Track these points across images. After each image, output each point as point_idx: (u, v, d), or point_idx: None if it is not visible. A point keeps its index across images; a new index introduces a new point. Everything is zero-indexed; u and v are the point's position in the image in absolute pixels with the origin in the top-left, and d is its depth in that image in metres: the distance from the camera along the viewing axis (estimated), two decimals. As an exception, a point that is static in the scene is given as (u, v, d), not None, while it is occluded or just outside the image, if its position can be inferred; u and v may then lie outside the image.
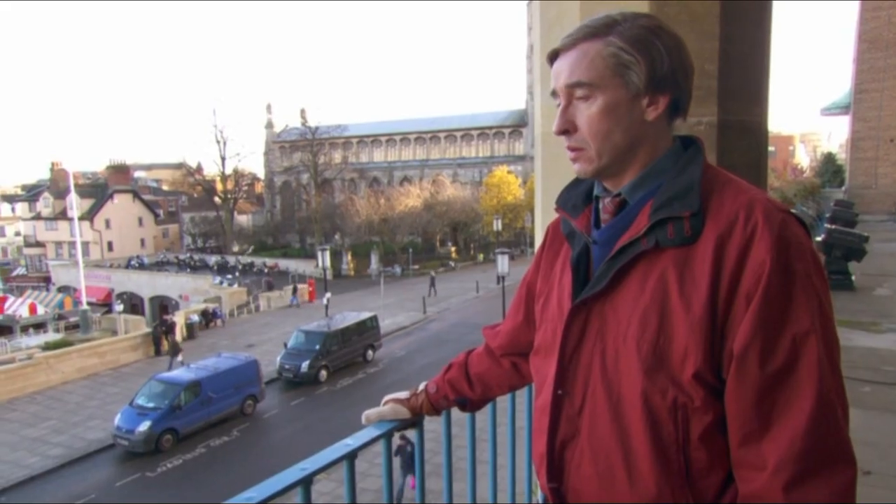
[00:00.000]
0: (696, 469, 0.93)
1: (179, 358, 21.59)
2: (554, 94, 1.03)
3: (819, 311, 0.89)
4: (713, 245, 0.91)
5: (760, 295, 0.87)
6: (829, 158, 37.87)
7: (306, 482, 1.12)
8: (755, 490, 0.88)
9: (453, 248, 51.80)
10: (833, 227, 8.58)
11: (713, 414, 0.92)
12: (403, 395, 1.42)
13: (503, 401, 1.74)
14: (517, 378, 1.37)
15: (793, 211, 0.94)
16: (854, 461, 0.87)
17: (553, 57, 1.03)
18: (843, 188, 22.50)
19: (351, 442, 1.25)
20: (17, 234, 63.75)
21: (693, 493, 0.93)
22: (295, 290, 35.37)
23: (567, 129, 1.01)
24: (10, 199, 70.28)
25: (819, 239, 7.99)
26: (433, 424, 1.61)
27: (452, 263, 47.93)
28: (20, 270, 57.55)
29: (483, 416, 1.61)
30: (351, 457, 1.24)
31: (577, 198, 1.12)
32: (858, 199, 17.78)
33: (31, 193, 63.92)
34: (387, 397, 1.43)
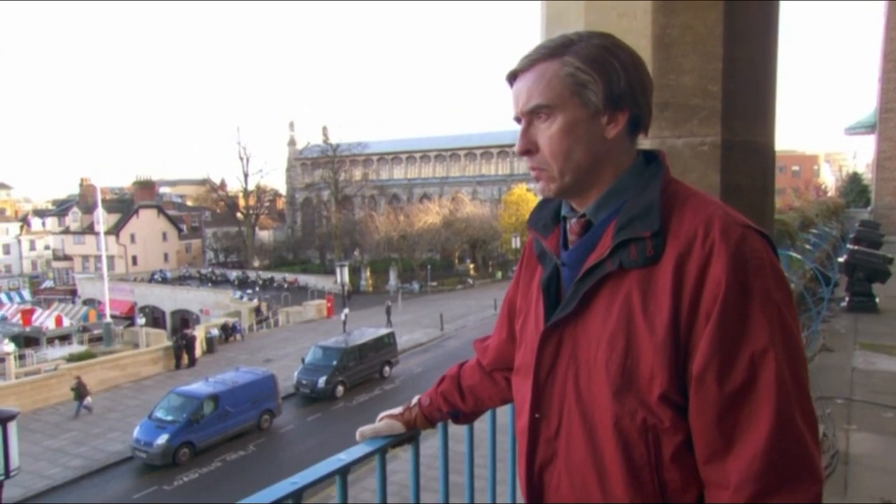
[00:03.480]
0: (671, 489, 0.93)
1: (86, 402, 19.76)
2: (516, 118, 1.04)
3: (780, 326, 0.88)
4: (674, 264, 0.91)
5: (717, 314, 0.87)
6: (854, 178, 37.22)
7: (297, 496, 1.13)
8: None
9: (472, 266, 51.74)
10: (856, 247, 8.41)
11: (683, 434, 0.92)
12: (397, 410, 1.43)
13: (503, 415, 1.74)
14: (509, 393, 1.36)
15: (752, 225, 0.94)
16: (820, 478, 0.86)
17: (512, 78, 1.04)
18: (869, 208, 22.07)
19: (344, 457, 1.26)
20: (47, 247, 65.33)
21: None
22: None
23: (529, 149, 1.02)
24: (42, 213, 72.15)
25: (841, 260, 7.83)
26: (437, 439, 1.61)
27: (471, 280, 47.84)
28: (48, 283, 58.88)
29: (482, 425, 1.61)
30: (343, 472, 1.24)
31: (546, 217, 1.13)
32: (885, 220, 17.40)
33: (61, 208, 65.62)
34: (382, 414, 1.44)
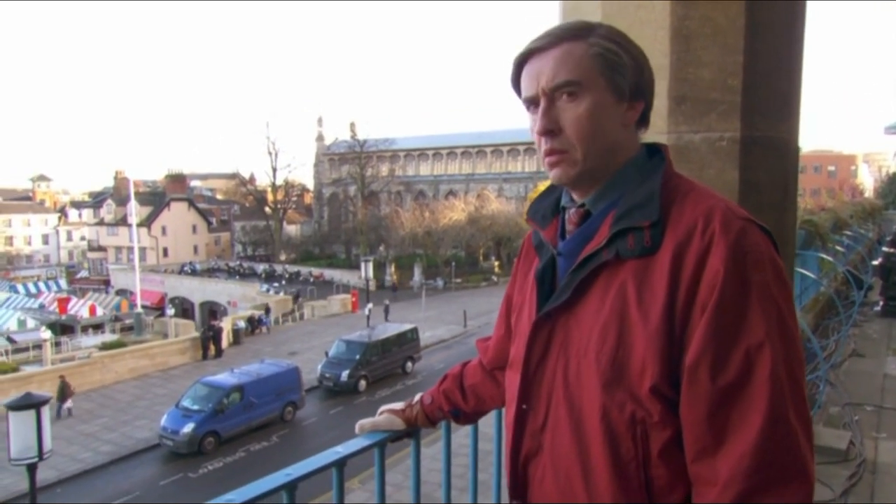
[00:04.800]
0: (658, 486, 0.90)
1: (68, 404, 19.24)
2: (530, 99, 0.99)
3: (777, 322, 0.85)
4: (671, 255, 0.89)
5: (713, 306, 0.85)
6: (894, 179, 36.00)
7: (290, 487, 1.13)
8: None
9: (496, 263, 51.61)
10: (892, 250, 8.13)
11: (672, 429, 0.90)
12: (399, 405, 1.41)
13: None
14: None
15: (754, 219, 0.91)
16: (810, 478, 0.83)
17: (527, 57, 0.98)
18: (909, 210, 21.30)
19: (341, 450, 1.26)
20: (83, 238, 67.28)
21: None
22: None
23: (552, 129, 0.96)
24: (78, 205, 74.30)
25: (875, 263, 7.59)
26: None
27: (495, 278, 47.73)
28: (83, 273, 60.61)
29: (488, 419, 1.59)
30: (340, 465, 1.24)
31: (546, 208, 1.10)
32: (925, 223, 16.79)
33: (96, 200, 67.52)
34: (382, 407, 1.43)
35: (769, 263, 0.88)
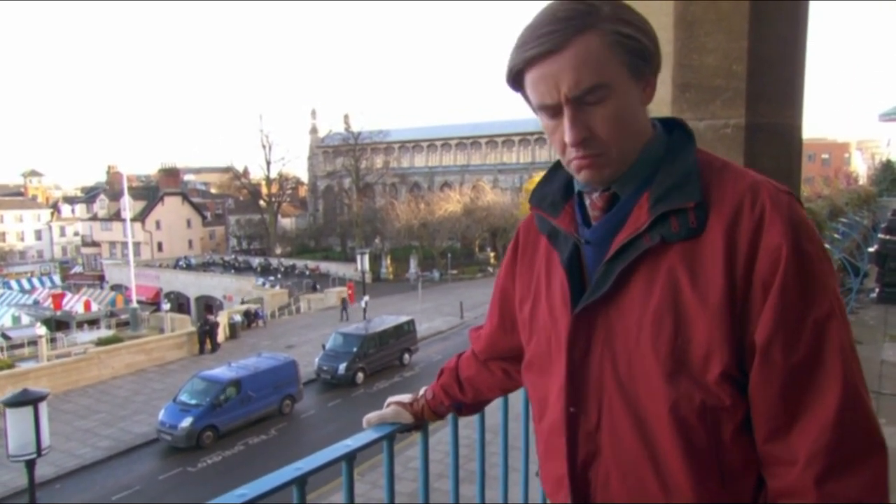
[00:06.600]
0: (731, 472, 0.88)
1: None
2: (548, 107, 0.90)
3: (833, 292, 0.85)
4: (722, 234, 0.86)
5: (780, 282, 0.83)
6: (887, 166, 36.12)
7: (301, 482, 1.12)
8: (787, 485, 0.84)
9: (492, 254, 51.64)
10: (887, 237, 8.17)
11: (742, 412, 0.87)
12: (407, 398, 1.40)
13: (515, 404, 1.71)
14: (508, 382, 1.32)
15: (792, 191, 0.90)
16: (885, 447, 0.82)
17: (534, 62, 0.88)
18: (903, 197, 21.39)
19: (350, 443, 1.24)
20: (76, 233, 66.90)
21: (730, 497, 0.88)
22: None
23: (586, 136, 0.89)
24: (71, 200, 73.82)
25: (871, 250, 7.62)
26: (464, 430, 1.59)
27: (491, 269, 47.78)
28: (77, 269, 60.34)
29: (493, 417, 1.59)
30: (350, 458, 1.23)
31: (554, 195, 1.04)
32: (919, 209, 16.85)
33: (89, 195, 67.05)
34: (390, 399, 1.42)
35: (816, 234, 0.87)
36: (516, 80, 0.92)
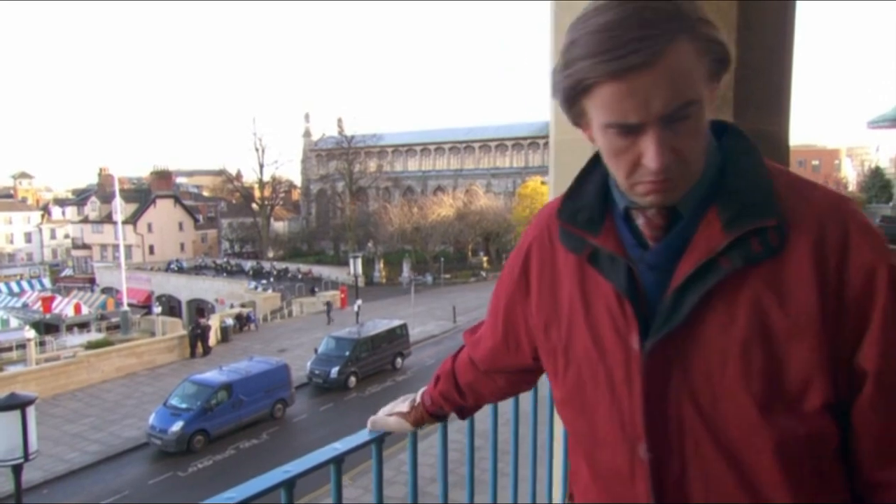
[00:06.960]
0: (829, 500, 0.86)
1: None
2: (629, 126, 0.76)
3: None
4: (809, 252, 0.80)
5: (884, 301, 0.78)
6: (876, 173, 36.56)
7: (289, 485, 1.12)
8: None
9: (485, 258, 51.72)
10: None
11: (838, 438, 0.83)
12: (405, 408, 1.37)
13: (505, 411, 1.71)
14: (510, 391, 1.31)
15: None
16: None
17: (617, 75, 0.73)
18: (891, 203, 21.67)
19: (339, 446, 1.25)
20: (67, 236, 66.46)
21: None
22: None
23: (671, 159, 0.78)
24: (62, 202, 73.34)
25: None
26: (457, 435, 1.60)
27: (484, 273, 47.84)
28: (68, 271, 59.93)
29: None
30: (338, 461, 1.23)
31: (592, 209, 0.91)
32: (907, 215, 17.08)
33: (80, 198, 66.65)
34: (391, 410, 1.38)
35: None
36: (582, 92, 0.77)
